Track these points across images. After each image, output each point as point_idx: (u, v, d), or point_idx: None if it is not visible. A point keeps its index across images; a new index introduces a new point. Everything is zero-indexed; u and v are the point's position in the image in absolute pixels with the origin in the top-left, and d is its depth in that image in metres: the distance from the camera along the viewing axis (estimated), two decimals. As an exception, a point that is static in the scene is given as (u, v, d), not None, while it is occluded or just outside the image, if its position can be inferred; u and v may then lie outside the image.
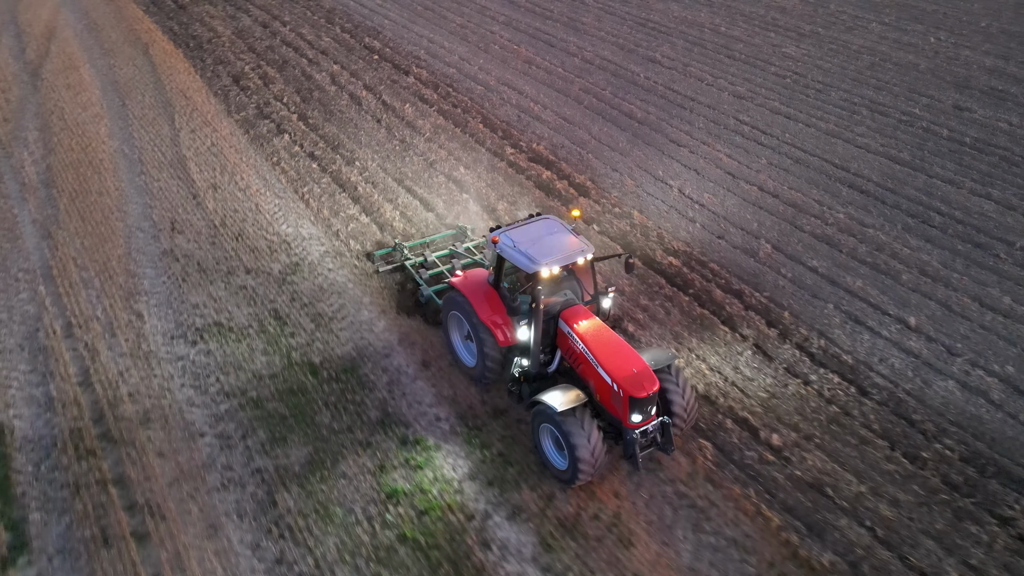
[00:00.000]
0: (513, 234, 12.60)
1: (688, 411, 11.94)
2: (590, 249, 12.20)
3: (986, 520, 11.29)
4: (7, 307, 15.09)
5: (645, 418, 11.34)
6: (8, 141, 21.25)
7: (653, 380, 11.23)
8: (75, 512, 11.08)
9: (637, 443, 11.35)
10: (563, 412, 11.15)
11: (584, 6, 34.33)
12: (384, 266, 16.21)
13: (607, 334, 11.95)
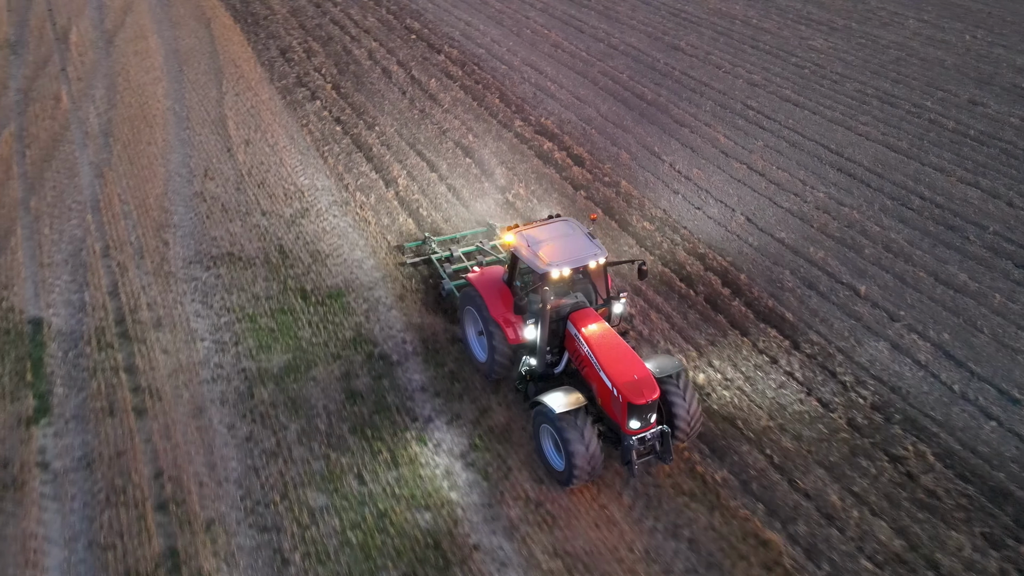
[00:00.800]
0: (529, 234, 12.67)
1: (692, 422, 11.85)
2: (603, 253, 12.21)
3: (879, 458, 12.28)
4: (59, 230, 17.62)
5: (644, 425, 11.34)
6: (79, 96, 24.11)
7: (653, 388, 11.22)
8: (90, 389, 13.31)
9: (634, 449, 11.35)
10: (561, 414, 11.23)
11: (622, -4, 35.59)
12: (413, 258, 16.63)
13: (612, 339, 11.95)
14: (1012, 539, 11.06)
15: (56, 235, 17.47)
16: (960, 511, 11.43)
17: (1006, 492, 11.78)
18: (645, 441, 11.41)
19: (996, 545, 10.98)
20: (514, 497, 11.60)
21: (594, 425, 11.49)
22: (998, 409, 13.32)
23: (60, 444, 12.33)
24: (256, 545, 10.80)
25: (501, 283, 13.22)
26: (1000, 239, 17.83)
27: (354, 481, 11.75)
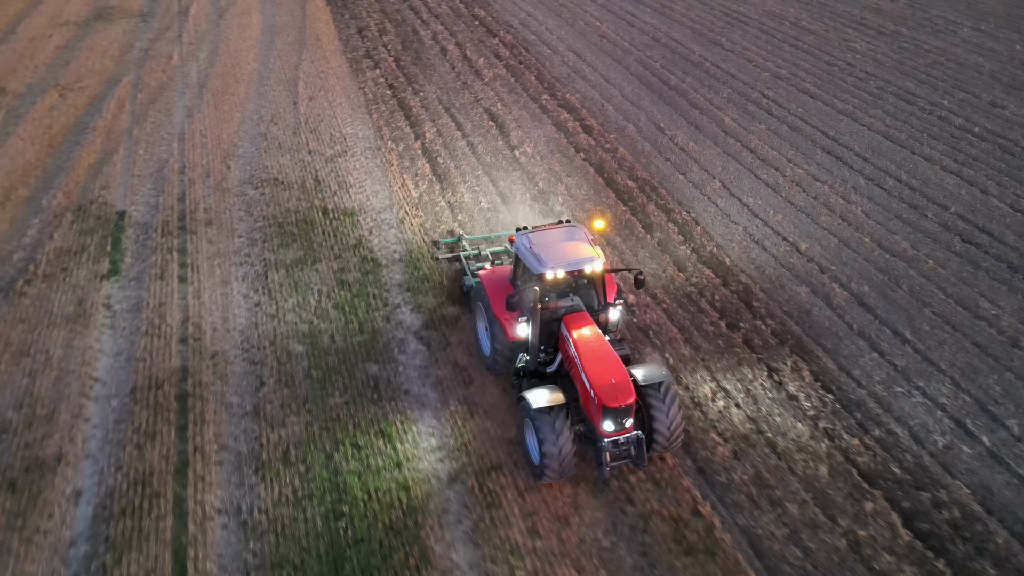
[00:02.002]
0: (534, 236, 13.12)
1: (671, 432, 11.97)
2: (600, 261, 12.57)
3: (759, 368, 14.30)
4: (151, 153, 21.94)
5: (618, 429, 11.53)
6: (187, 57, 28.85)
7: (629, 393, 11.45)
8: (149, 261, 17.23)
9: (607, 452, 11.60)
10: (538, 410, 11.57)
11: (683, -3, 37.60)
12: (445, 253, 17.23)
13: (599, 343, 12.21)
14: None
15: (148, 156, 21.80)
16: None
17: (859, 401, 13.62)
18: (619, 445, 11.61)
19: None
20: (446, 363, 14.49)
21: (573, 425, 11.83)
22: (887, 346, 14.99)
23: (121, 294, 16.24)
24: (244, 371, 14.20)
25: (507, 281, 13.76)
26: (957, 218, 19.09)
27: (327, 339, 14.97)
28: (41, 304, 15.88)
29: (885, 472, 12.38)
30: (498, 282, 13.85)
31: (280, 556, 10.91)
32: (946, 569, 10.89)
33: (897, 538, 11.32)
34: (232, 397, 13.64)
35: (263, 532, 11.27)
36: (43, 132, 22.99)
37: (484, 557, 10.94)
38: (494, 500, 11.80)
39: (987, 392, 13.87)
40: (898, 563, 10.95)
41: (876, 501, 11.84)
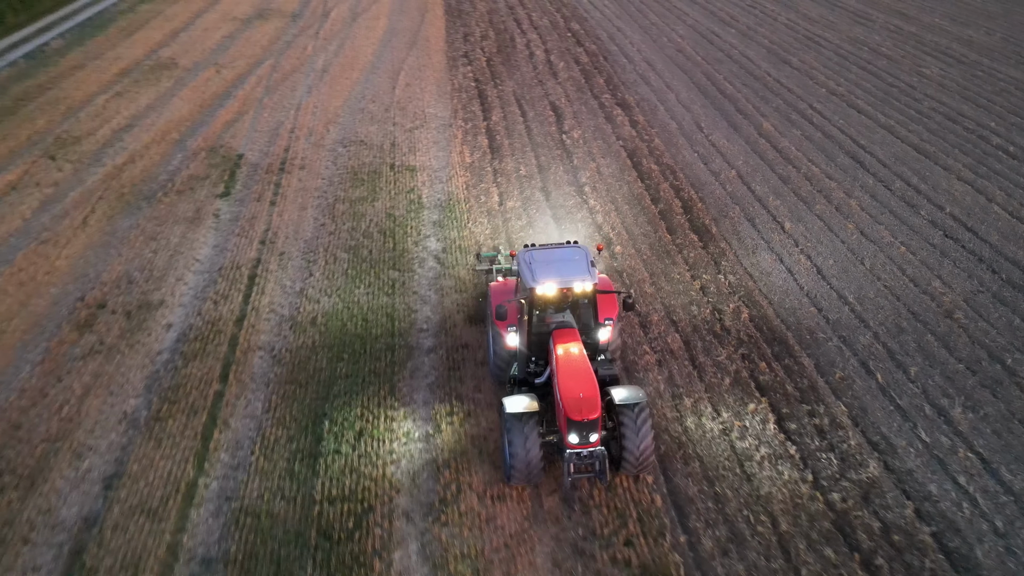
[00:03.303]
0: (537, 252, 13.71)
1: (639, 454, 12.13)
2: (592, 281, 13.01)
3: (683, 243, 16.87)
4: (272, 116, 27.32)
5: (582, 442, 11.83)
6: (318, 49, 34.60)
7: (594, 409, 11.77)
8: (253, 189, 22.22)
9: (571, 463, 11.97)
10: (511, 415, 12.04)
11: (771, 21, 39.51)
12: (484, 265, 17.12)
13: (578, 359, 12.56)
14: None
15: (269, 118, 27.18)
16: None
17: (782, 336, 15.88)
18: (583, 458, 11.96)
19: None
20: (451, 277, 18.17)
21: (547, 435, 12.43)
22: (790, 261, 17.14)
23: (227, 208, 21.20)
24: (299, 265, 18.55)
25: (511, 293, 14.31)
26: (949, 218, 20.57)
27: (366, 252, 19.12)
28: (171, 209, 21.11)
29: (776, 386, 14.73)
30: (503, 293, 14.50)
31: (292, 377, 14.94)
32: (796, 454, 13.18)
33: (766, 430, 13.69)
34: (286, 281, 17.99)
35: (285, 363, 15.36)
36: (198, 96, 29.07)
37: (438, 399, 14.39)
38: (456, 368, 15.23)
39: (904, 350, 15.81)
40: (758, 446, 13.35)
41: (760, 404, 14.26)
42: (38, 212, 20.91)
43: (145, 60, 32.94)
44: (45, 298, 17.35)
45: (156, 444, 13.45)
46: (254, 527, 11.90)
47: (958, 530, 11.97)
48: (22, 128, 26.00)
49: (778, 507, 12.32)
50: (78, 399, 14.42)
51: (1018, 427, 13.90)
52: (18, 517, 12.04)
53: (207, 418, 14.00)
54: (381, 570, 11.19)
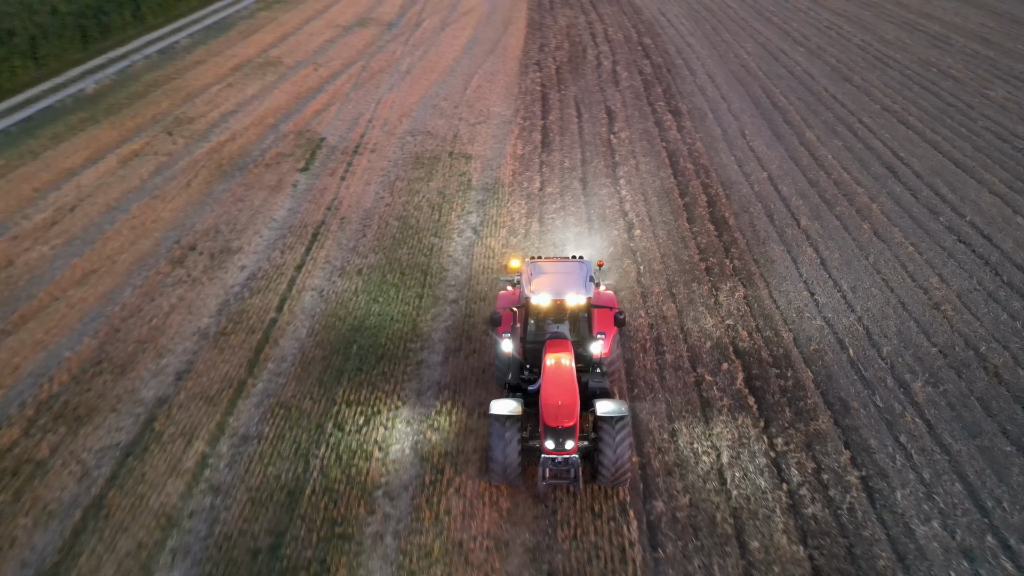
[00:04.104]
0: (543, 265, 14.39)
1: (615, 467, 12.39)
2: (586, 295, 13.57)
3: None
4: (355, 108, 30.72)
5: (558, 448, 12.22)
6: (405, 54, 38.11)
7: (570, 417, 12.19)
8: (328, 166, 25.38)
9: (547, 468, 12.37)
10: (494, 416, 12.52)
11: (844, 42, 40.09)
12: (512, 277, 16.96)
13: (564, 369, 12.94)
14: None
15: (352, 110, 30.61)
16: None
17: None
18: (558, 464, 12.34)
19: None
20: (485, 246, 20.55)
21: (528, 439, 12.87)
22: (797, 252, 18.43)
23: (303, 180, 24.50)
24: (356, 229, 21.48)
25: (515, 304, 14.73)
26: (969, 226, 21.28)
27: (414, 221, 21.81)
28: (258, 178, 24.61)
29: (753, 352, 16.26)
30: (509, 302, 15.02)
31: (334, 312, 17.74)
32: (754, 405, 14.71)
33: (732, 386, 15.28)
34: (343, 239, 20.94)
35: (330, 302, 18.19)
36: (295, 89, 32.95)
37: (451, 338, 16.75)
38: (471, 315, 17.58)
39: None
40: (722, 398, 14.96)
41: (733, 364, 15.84)
42: (153, 175, 24.86)
43: (256, 58, 37.35)
44: (150, 240, 20.97)
45: (219, 352, 16.48)
46: (285, 417, 14.62)
47: (885, 476, 13.25)
48: (148, 109, 30.47)
49: (725, 443, 13.96)
50: (164, 315, 17.70)
51: (974, 404, 14.91)
52: (110, 393, 15.26)
53: (261, 337, 16.96)
54: (379, 458, 13.65)
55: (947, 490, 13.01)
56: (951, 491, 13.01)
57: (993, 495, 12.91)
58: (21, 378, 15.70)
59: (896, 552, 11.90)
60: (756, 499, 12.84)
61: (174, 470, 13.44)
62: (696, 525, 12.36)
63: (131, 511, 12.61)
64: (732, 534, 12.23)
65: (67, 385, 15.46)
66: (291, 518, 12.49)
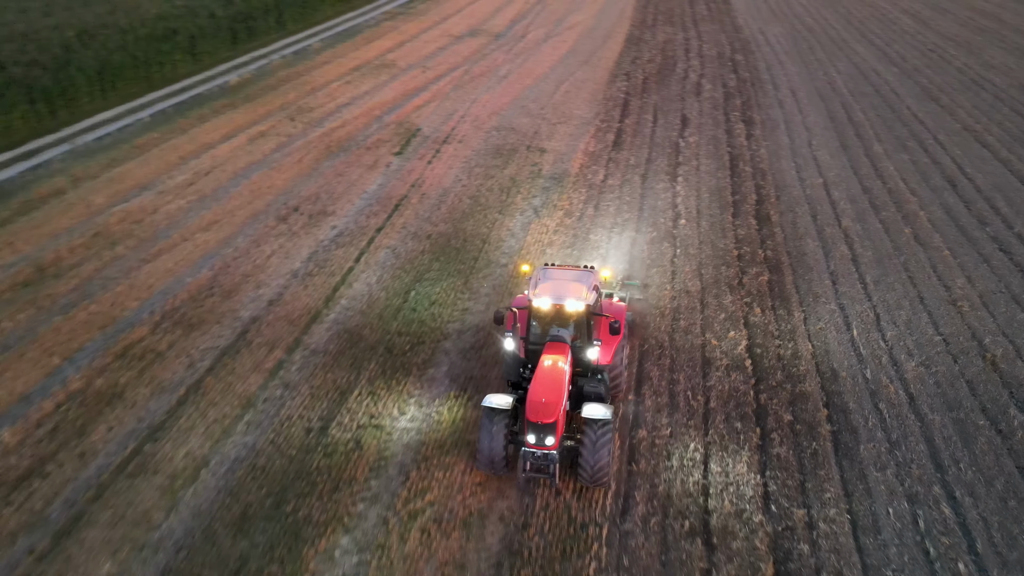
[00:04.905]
0: (552, 271, 15.03)
1: (593, 468, 12.83)
2: (583, 303, 13.99)
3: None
4: (451, 106, 34.05)
5: (538, 443, 12.75)
6: (506, 61, 41.32)
7: (551, 414, 12.68)
8: (419, 151, 28.71)
9: (527, 461, 12.84)
10: (485, 408, 13.15)
11: (943, 64, 39.89)
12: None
13: (555, 369, 13.48)
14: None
15: (448, 107, 33.99)
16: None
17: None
18: (538, 458, 12.82)
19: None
20: (544, 222, 22.97)
21: (517, 433, 13.35)
22: (831, 247, 19.56)
23: (396, 162, 27.93)
24: (433, 203, 24.54)
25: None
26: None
27: (484, 201, 24.57)
28: (358, 158, 28.30)
29: (762, 325, 17.82)
30: (522, 304, 15.35)
31: (402, 265, 20.82)
32: (750, 367, 16.34)
33: (735, 350, 16.94)
34: (420, 211, 24.09)
35: (400, 257, 21.29)
36: (402, 88, 36.84)
37: (498, 296, 19.32)
38: (512, 291, 20.05)
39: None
40: (723, 358, 16.67)
41: (741, 333, 17.50)
42: (273, 151, 29.06)
43: (374, 60, 41.71)
44: (264, 201, 24.91)
45: (304, 288, 19.85)
46: (347, 339, 17.70)
47: (855, 431, 14.65)
48: (278, 98, 35.12)
49: (715, 393, 15.75)
50: (266, 257, 21.35)
51: (961, 384, 15.90)
52: (217, 310, 18.90)
53: (339, 279, 20.23)
54: (416, 374, 16.37)
55: (910, 448, 14.26)
56: (913, 450, 14.25)
57: (953, 457, 14.04)
58: (154, 294, 19.68)
59: (844, 489, 13.36)
60: (729, 438, 14.60)
61: (257, 368, 16.78)
62: (669, 452, 14.29)
63: (221, 393, 16.00)
64: (700, 461, 14.08)
65: (186, 302, 19.27)
66: (339, 410, 15.46)
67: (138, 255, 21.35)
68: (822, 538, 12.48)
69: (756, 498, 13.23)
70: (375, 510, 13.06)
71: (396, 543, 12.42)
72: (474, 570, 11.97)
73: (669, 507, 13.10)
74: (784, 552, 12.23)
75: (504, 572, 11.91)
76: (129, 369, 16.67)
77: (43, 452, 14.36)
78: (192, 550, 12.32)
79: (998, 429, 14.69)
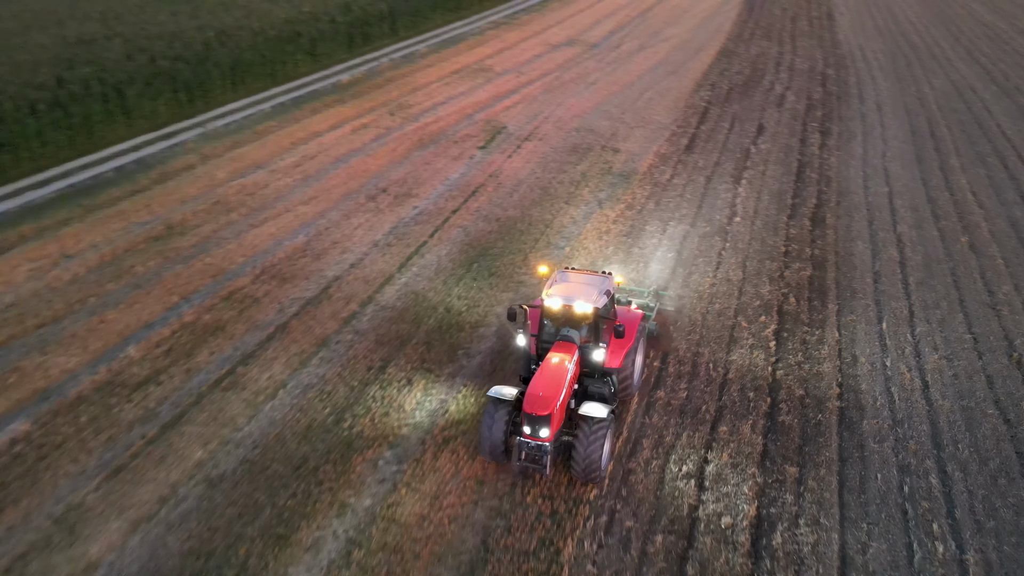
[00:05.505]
0: (568, 274, 15.57)
1: (584, 464, 13.37)
2: (590, 307, 14.40)
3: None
4: (532, 110, 36.23)
5: (532, 434, 13.36)
6: (597, 70, 43.17)
7: (545, 407, 13.24)
8: (503, 146, 31.01)
9: (521, 449, 13.52)
10: (490, 397, 13.96)
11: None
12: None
13: (558, 366, 14.02)
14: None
15: (530, 111, 36.19)
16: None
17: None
18: (532, 448, 13.43)
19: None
20: (606, 210, 24.65)
21: (518, 423, 13.86)
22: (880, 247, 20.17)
23: (480, 155, 30.31)
24: (507, 191, 26.68)
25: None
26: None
27: (554, 192, 26.50)
28: (445, 150, 30.95)
29: (796, 314, 18.81)
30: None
31: (469, 242, 23.08)
32: (774, 347, 17.43)
33: (763, 334, 18.07)
34: (494, 197, 26.37)
35: (471, 236, 23.58)
36: (496, 90, 39.40)
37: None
38: (572, 259, 21.85)
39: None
40: (752, 348, 17.85)
41: (771, 318, 18.57)
42: (372, 141, 32.19)
43: (473, 65, 44.61)
44: (357, 182, 27.92)
45: (382, 256, 22.49)
46: (414, 299, 20.14)
47: (861, 409, 15.61)
48: (382, 96, 38.47)
49: (735, 367, 17.03)
50: (353, 229, 24.19)
51: (979, 377, 16.50)
52: (307, 268, 21.83)
53: (413, 250, 22.77)
54: (467, 329, 18.51)
55: (913, 427, 15.09)
56: (916, 429, 15.06)
57: (953, 438, 14.78)
58: (257, 253, 22.84)
59: (840, 455, 14.41)
60: (741, 405, 15.89)
61: (333, 316, 19.47)
62: (684, 410, 15.77)
63: (302, 332, 18.75)
64: (710, 420, 15.47)
65: (283, 260, 22.31)
66: (397, 355, 17.85)
67: (248, 221, 24.71)
68: (808, 492, 13.69)
69: (754, 454, 14.53)
70: (416, 434, 15.31)
71: (430, 459, 14.61)
72: (492, 486, 13.96)
73: (672, 454, 14.62)
74: (769, 499, 13.52)
75: (517, 490, 13.84)
76: (231, 309, 19.75)
77: (159, 366, 17.51)
78: (265, 448, 14.98)
79: (1006, 419, 15.27)
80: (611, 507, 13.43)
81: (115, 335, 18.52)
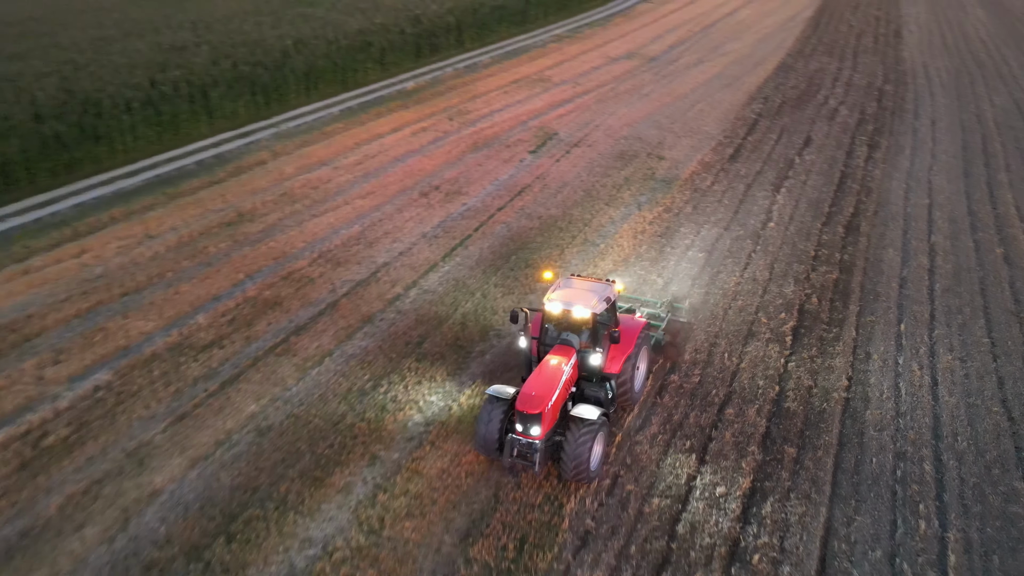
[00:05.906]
0: (572, 280, 15.97)
1: (571, 464, 13.68)
2: (588, 312, 14.71)
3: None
4: (591, 117, 37.51)
5: (524, 431, 13.81)
6: (650, 83, 44.16)
7: (537, 406, 13.66)
8: (554, 151, 32.41)
9: (512, 446, 13.95)
10: (488, 395, 14.52)
11: None
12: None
13: (554, 368, 14.49)
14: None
15: (587, 117, 37.49)
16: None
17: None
18: (523, 445, 13.87)
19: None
20: (645, 214, 25.72)
21: (511, 421, 14.26)
22: (911, 253, 20.53)
23: (530, 159, 31.82)
24: (551, 192, 28.04)
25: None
26: None
27: (597, 192, 27.68)
28: (497, 153, 32.55)
29: (816, 313, 19.45)
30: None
31: (510, 237, 24.47)
32: (790, 344, 18.17)
33: (781, 328, 18.83)
34: (538, 196, 27.83)
35: (513, 231, 24.99)
36: (551, 99, 40.88)
37: (584, 267, 22.42)
38: (603, 257, 22.99)
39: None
40: (767, 341, 18.63)
41: (791, 316, 19.31)
42: (429, 143, 34.13)
43: (532, 75, 46.27)
44: (412, 179, 29.81)
45: (429, 246, 24.17)
46: (453, 284, 21.75)
47: (867, 400, 16.31)
48: (442, 102, 40.51)
49: (749, 358, 17.86)
50: (404, 221, 26.01)
51: (991, 377, 16.94)
52: (360, 255, 23.71)
53: (458, 242, 24.37)
54: (499, 315, 19.90)
55: (915, 420, 15.69)
56: (919, 423, 15.65)
57: (954, 431, 15.32)
58: (316, 240, 24.87)
59: (839, 440, 15.15)
60: (751, 391, 16.78)
61: (380, 297, 21.22)
62: (694, 393, 16.75)
63: (350, 310, 20.55)
64: (717, 404, 16.41)
65: (338, 247, 24.27)
66: (435, 332, 19.43)
67: (310, 211, 26.84)
68: (803, 470, 14.53)
69: (756, 435, 15.43)
70: (445, 400, 16.81)
71: (455, 422, 16.07)
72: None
73: (678, 431, 15.64)
74: (765, 474, 14.41)
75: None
76: (289, 287, 21.74)
77: (222, 332, 19.57)
78: (309, 405, 16.74)
79: (1010, 416, 15.71)
80: (615, 473, 14.58)
81: (187, 305, 20.74)
